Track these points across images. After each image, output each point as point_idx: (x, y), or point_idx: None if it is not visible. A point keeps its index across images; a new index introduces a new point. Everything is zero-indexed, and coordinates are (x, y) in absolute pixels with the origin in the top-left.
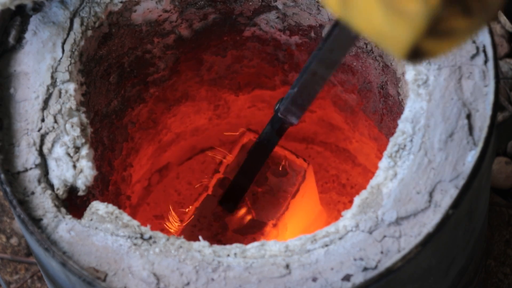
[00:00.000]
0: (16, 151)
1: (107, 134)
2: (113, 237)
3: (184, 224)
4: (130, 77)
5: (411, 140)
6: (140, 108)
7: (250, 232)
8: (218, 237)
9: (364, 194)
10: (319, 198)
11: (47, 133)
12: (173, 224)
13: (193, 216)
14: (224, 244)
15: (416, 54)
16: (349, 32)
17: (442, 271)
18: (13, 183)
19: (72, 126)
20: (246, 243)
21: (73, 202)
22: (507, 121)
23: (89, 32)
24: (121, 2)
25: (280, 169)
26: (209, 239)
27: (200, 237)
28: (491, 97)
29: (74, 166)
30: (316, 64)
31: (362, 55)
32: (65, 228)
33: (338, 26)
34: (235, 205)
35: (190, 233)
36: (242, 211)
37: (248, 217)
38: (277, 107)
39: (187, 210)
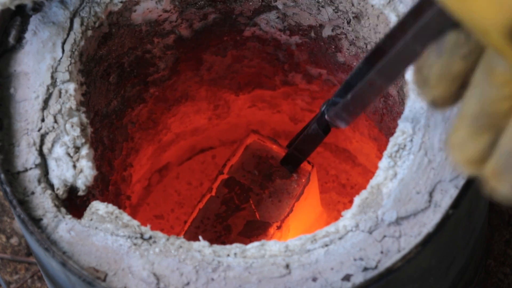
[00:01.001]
0: (16, 151)
1: (107, 134)
2: (113, 237)
3: (187, 225)
4: (130, 77)
5: (411, 140)
6: (140, 108)
7: (254, 234)
8: (221, 239)
9: (364, 194)
10: (320, 199)
11: (47, 133)
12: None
13: (196, 217)
14: None
15: None
16: (422, 42)
17: (442, 271)
18: (13, 183)
19: (72, 126)
20: None
21: (73, 202)
22: None
23: (89, 32)
24: (121, 2)
25: (285, 171)
26: (213, 241)
27: (200, 237)
28: None
29: (74, 166)
30: (376, 74)
31: (362, 55)
32: (65, 228)
33: (413, 35)
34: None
35: (193, 235)
36: (246, 212)
37: (252, 219)
38: (323, 108)
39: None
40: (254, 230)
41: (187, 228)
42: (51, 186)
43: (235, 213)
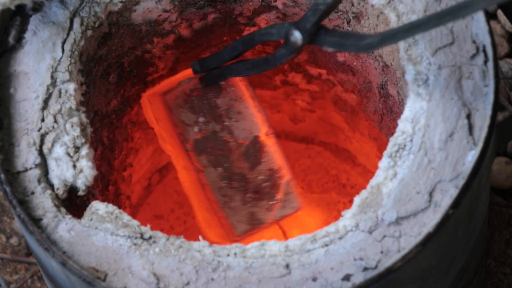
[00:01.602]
0: (16, 151)
1: (107, 134)
2: (113, 237)
3: (221, 213)
4: (130, 76)
5: (411, 140)
6: (140, 107)
7: (258, 156)
8: (247, 190)
9: (364, 194)
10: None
11: (47, 133)
12: None
13: (218, 198)
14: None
15: None
16: None
17: (442, 271)
18: (13, 183)
19: (72, 126)
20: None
21: (73, 202)
22: (507, 121)
23: (89, 32)
24: (121, 2)
25: (214, 89)
26: (246, 200)
27: (200, 237)
28: (491, 97)
29: (74, 166)
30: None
31: (362, 55)
32: (65, 228)
33: None
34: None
35: (232, 212)
36: (234, 151)
37: (243, 148)
38: (302, 41)
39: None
40: (253, 154)
41: (222, 214)
42: (51, 186)
43: (229, 160)
